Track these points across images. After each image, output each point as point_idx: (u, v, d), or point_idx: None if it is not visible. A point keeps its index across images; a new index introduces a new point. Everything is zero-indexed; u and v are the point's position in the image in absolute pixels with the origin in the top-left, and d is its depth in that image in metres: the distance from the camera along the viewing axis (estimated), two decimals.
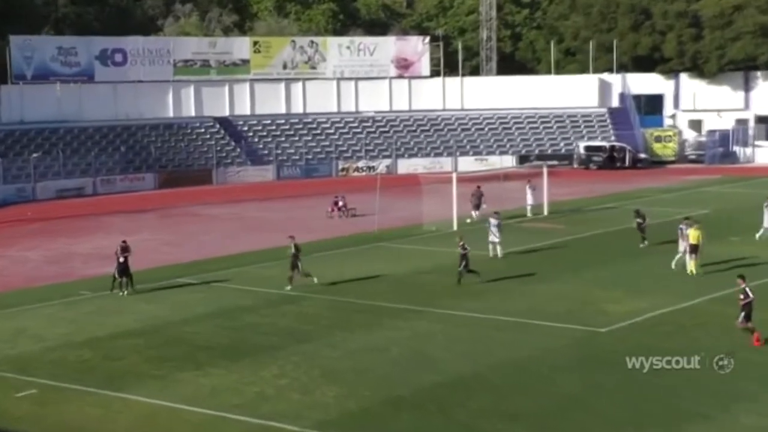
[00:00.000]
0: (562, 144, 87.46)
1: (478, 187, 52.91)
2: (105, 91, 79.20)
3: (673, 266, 36.51)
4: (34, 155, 71.66)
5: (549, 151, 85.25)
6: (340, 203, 55.94)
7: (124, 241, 36.30)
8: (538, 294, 33.84)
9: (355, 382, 24.10)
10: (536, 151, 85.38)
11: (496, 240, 40.51)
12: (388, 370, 25.13)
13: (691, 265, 35.89)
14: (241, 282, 36.84)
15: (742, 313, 26.13)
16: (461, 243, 35.62)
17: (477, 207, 51.95)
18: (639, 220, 42.88)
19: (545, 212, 53.99)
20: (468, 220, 50.93)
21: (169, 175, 76.06)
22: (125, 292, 34.67)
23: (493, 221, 40.97)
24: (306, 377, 24.54)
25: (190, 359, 26.42)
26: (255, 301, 33.79)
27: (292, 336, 28.79)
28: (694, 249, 36.12)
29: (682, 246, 36.77)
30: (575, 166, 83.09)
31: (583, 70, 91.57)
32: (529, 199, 53.98)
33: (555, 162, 75.87)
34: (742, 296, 26.26)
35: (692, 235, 36.25)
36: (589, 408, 22.03)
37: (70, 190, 70.89)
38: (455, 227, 49.31)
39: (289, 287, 35.01)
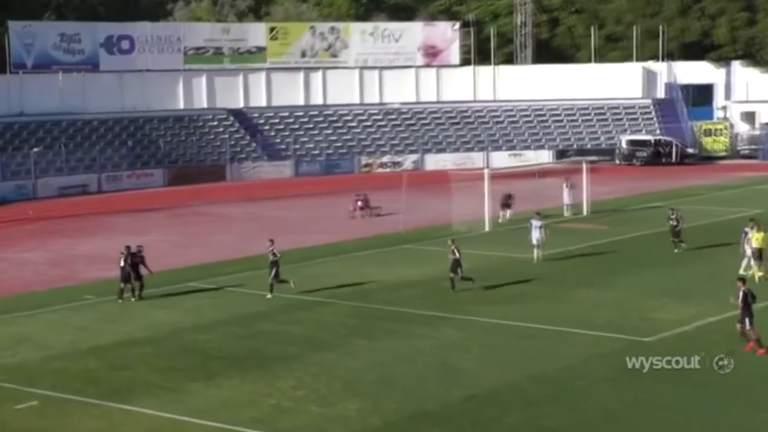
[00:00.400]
0: (603, 138, 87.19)
1: (510, 194, 52.61)
2: (110, 80, 79.63)
3: (741, 272, 36.22)
4: (35, 150, 72.13)
5: (589, 146, 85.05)
6: (360, 203, 55.95)
7: (129, 247, 35.99)
8: (578, 300, 33.77)
9: (378, 395, 24.11)
10: (575, 146, 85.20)
11: (540, 243, 40.19)
12: (415, 382, 25.14)
13: (755, 270, 35.61)
14: (256, 287, 36.90)
15: (746, 319, 26.46)
16: (453, 246, 35.47)
17: (505, 206, 51.93)
18: (673, 222, 42.26)
19: (585, 212, 53.85)
20: (499, 220, 51.04)
21: (180, 172, 76.37)
22: (132, 297, 34.79)
23: (535, 223, 40.61)
24: (326, 389, 24.59)
25: (201, 369, 26.53)
26: (271, 308, 33.88)
27: (311, 345, 28.85)
28: (759, 253, 35.90)
29: (748, 250, 36.47)
30: (618, 162, 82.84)
31: (627, 57, 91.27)
32: (567, 198, 53.88)
33: (596, 158, 75.49)
34: (741, 302, 26.54)
35: (757, 238, 36.00)
36: (631, 425, 21.94)
37: (73, 187, 71.31)
38: (487, 228, 49.26)
39: (292, 285, 35.07)
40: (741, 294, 26.72)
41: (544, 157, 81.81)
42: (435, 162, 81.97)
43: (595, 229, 48.98)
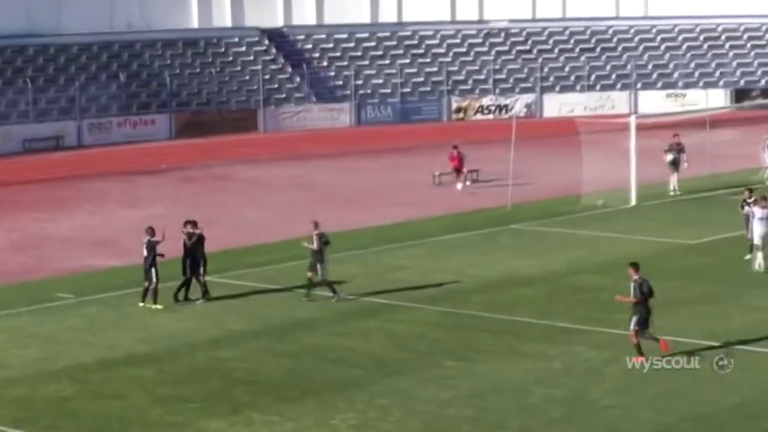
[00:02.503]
0: None
1: (675, 135, 52.29)
2: None
3: None
4: None
5: None
6: (454, 163, 54.76)
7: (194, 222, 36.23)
8: (765, 306, 33.48)
9: None
10: (762, 83, 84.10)
11: (761, 242, 38.05)
12: (529, 420, 25.03)
13: None
14: (301, 283, 36.97)
15: (633, 318, 28.20)
16: (315, 232, 34.87)
17: (676, 167, 51.36)
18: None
19: None
20: (671, 191, 51.04)
21: (193, 118, 76.72)
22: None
23: (759, 212, 39.14)
24: (400, 431, 24.57)
25: (222, 399, 26.64)
26: (322, 313, 33.95)
27: (379, 366, 28.87)
28: None
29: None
30: None
31: None
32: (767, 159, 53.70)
33: None
34: (632, 294, 28.07)
35: None
36: None
37: (43, 139, 71.90)
38: (633, 201, 48.84)
39: (198, 302, 35.23)
40: (632, 285, 28.15)
41: (716, 98, 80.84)
42: (558, 105, 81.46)
43: None
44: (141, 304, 34.68)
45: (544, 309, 33.61)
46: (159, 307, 34.48)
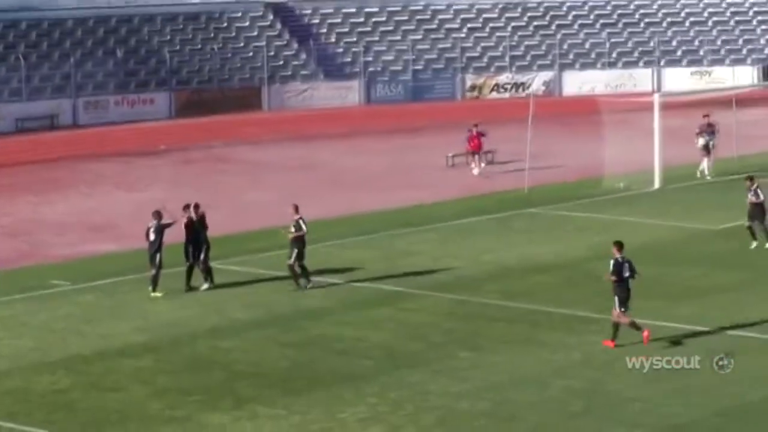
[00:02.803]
0: None
1: (706, 116, 52.08)
2: None
3: None
4: None
5: None
6: (473, 142, 53.67)
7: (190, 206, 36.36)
8: None
9: None
10: None
11: None
12: (548, 415, 25.03)
13: None
14: (308, 269, 36.98)
15: (616, 298, 28.89)
16: (297, 217, 35.00)
17: (707, 150, 51.13)
18: (753, 197, 39.44)
19: None
20: (699, 174, 50.77)
21: (194, 96, 76.60)
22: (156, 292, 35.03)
23: None
24: (412, 425, 24.56)
25: (225, 392, 26.68)
26: (330, 302, 33.98)
27: (390, 357, 28.89)
28: None
29: None
30: None
31: None
32: None
33: None
34: (613, 275, 28.56)
35: None
36: None
37: (36, 118, 71.79)
38: (657, 184, 48.74)
39: (204, 286, 35.34)
40: (612, 264, 28.69)
41: (744, 76, 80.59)
42: (578, 83, 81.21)
43: None
44: (150, 289, 34.82)
45: (562, 297, 33.64)
46: (158, 294, 34.52)
